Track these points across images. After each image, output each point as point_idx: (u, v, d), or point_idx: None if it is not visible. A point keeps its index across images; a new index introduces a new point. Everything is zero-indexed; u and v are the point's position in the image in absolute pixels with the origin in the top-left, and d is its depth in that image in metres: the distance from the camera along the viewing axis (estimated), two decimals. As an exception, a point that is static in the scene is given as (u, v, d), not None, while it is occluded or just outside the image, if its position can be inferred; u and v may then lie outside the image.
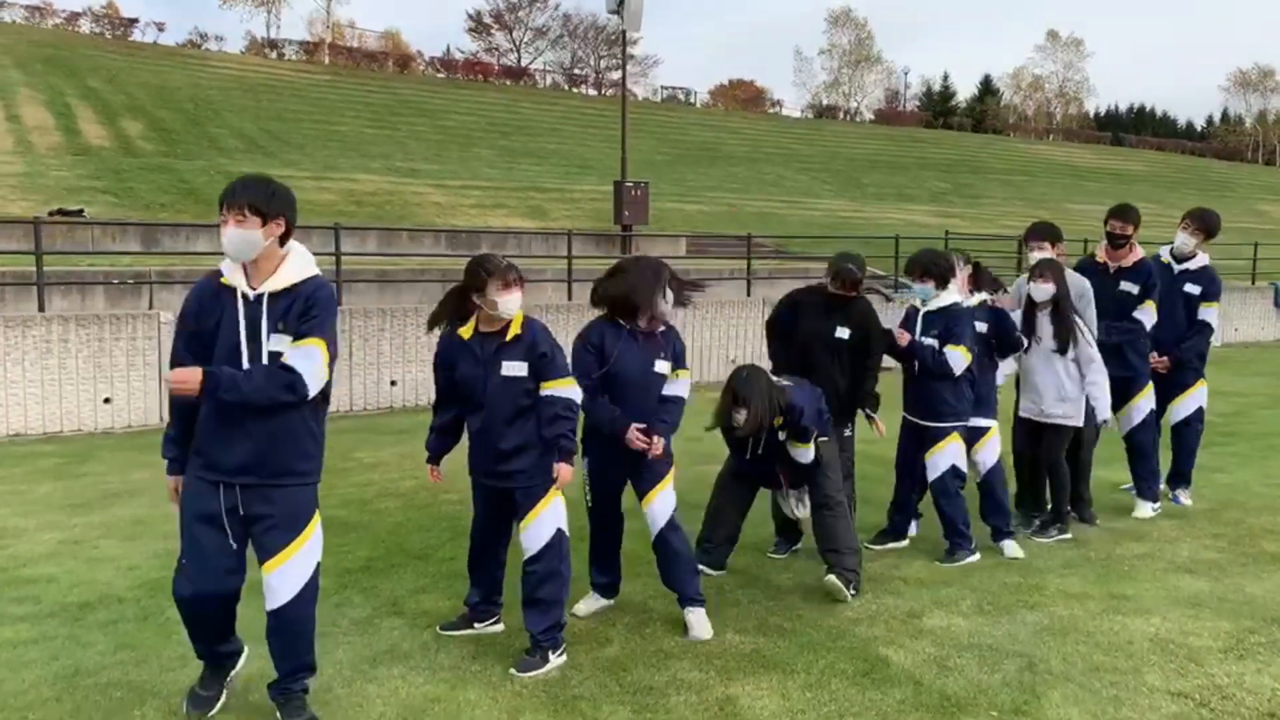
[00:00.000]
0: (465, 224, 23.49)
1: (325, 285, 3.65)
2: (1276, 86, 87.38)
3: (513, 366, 4.32)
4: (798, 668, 4.30)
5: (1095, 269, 6.85)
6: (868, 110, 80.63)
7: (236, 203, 3.50)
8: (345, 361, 11.66)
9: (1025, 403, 6.38)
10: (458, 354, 4.39)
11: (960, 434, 5.87)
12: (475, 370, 4.34)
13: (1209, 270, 7.04)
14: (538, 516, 4.38)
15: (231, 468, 3.55)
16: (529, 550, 4.40)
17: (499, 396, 4.32)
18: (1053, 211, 38.32)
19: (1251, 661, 4.40)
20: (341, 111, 37.38)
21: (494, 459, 4.37)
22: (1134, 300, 6.71)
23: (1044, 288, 6.10)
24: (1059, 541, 6.18)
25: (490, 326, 4.36)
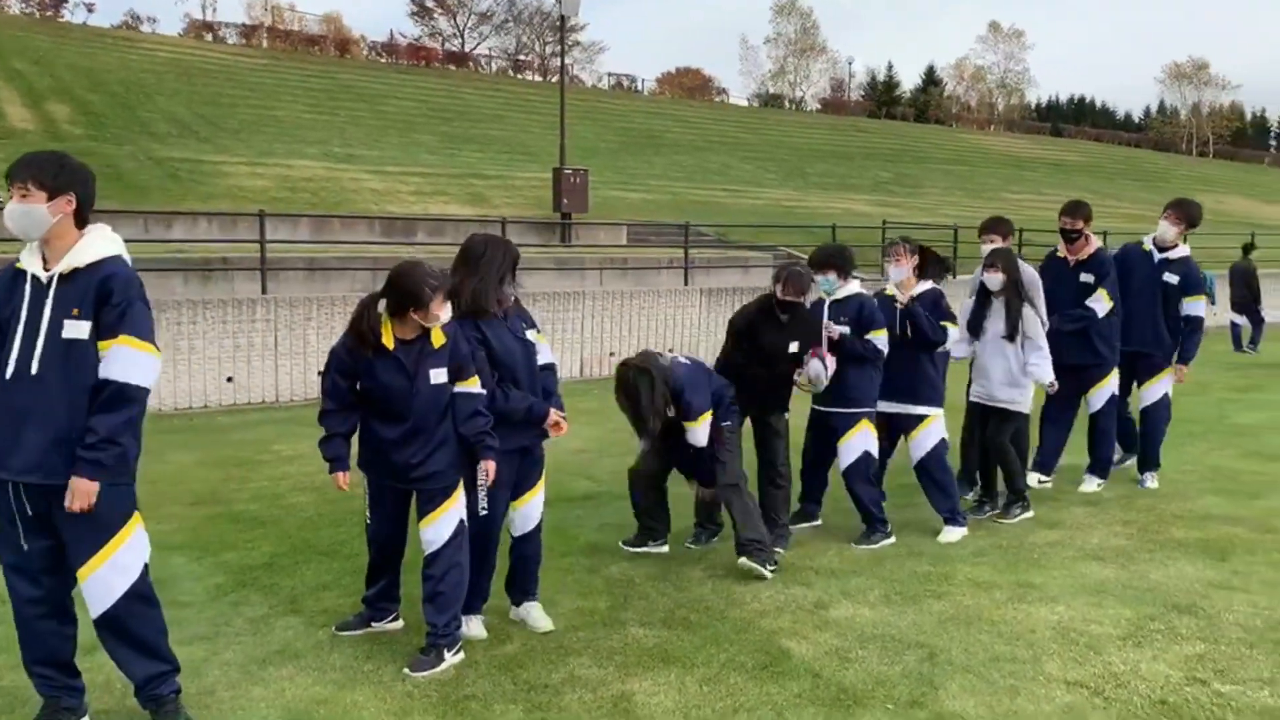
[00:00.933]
0: (403, 211, 23.19)
1: (126, 267, 3.45)
2: (1209, 80, 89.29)
3: (439, 374, 4.21)
4: (698, 662, 4.25)
5: (1056, 263, 7.16)
6: (813, 100, 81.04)
7: (20, 177, 3.34)
8: (270, 352, 11.44)
9: (975, 387, 6.59)
10: (376, 364, 4.17)
11: (870, 420, 5.93)
12: (399, 380, 4.16)
13: (1189, 261, 7.22)
14: (444, 513, 4.29)
15: (20, 468, 3.35)
16: (432, 545, 4.30)
17: (425, 405, 4.20)
18: (992, 200, 38.82)
19: (1149, 648, 4.42)
20: (279, 96, 36.70)
21: (411, 465, 4.24)
22: (1092, 290, 6.95)
23: (995, 277, 6.28)
24: (975, 528, 6.22)
25: (409, 334, 4.20)
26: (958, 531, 6.11)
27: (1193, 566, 5.51)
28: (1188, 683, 4.08)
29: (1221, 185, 56.21)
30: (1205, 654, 4.36)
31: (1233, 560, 5.61)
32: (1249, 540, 5.98)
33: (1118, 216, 35.45)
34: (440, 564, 4.27)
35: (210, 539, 6.03)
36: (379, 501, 4.45)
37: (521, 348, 4.57)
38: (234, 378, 11.22)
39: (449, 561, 4.28)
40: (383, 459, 4.29)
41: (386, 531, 4.50)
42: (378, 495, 4.44)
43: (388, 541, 4.53)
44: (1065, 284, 7.00)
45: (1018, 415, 6.45)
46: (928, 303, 6.05)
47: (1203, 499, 6.96)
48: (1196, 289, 7.19)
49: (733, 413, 5.56)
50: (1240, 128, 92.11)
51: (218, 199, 21.84)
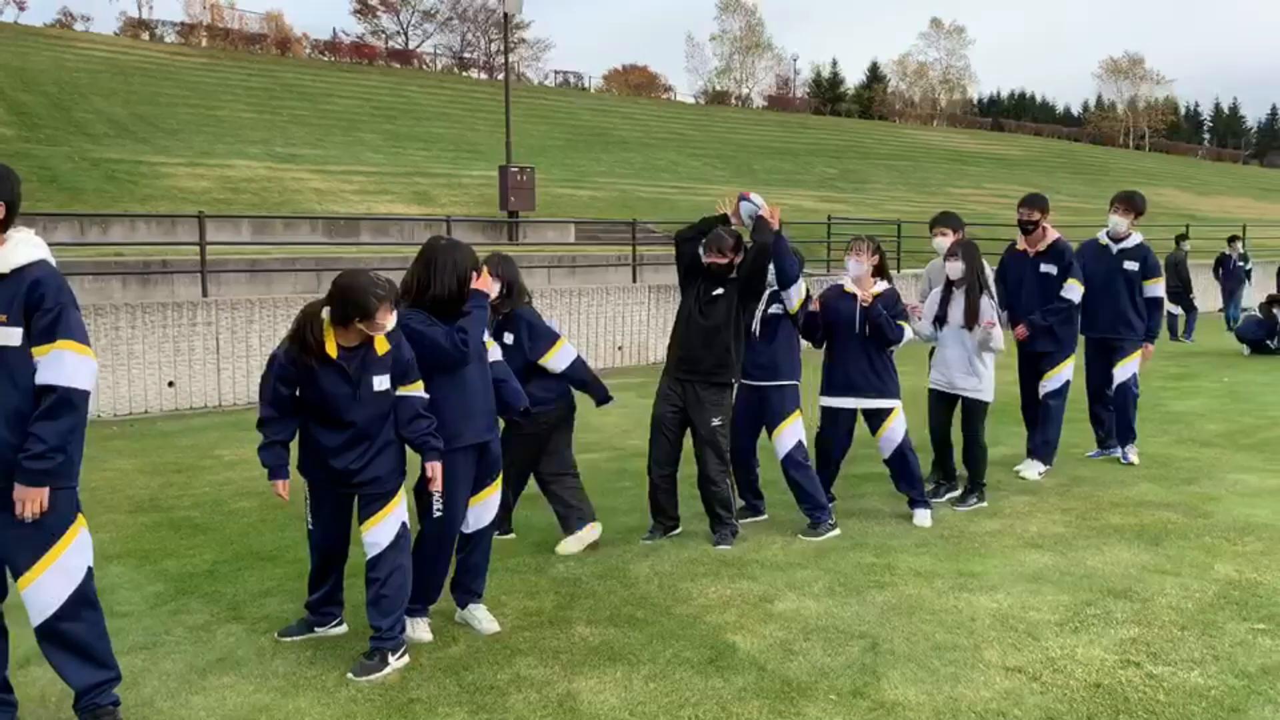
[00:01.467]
0: (347, 211, 22.95)
1: (53, 271, 3.40)
2: (1145, 75, 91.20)
3: (382, 381, 4.18)
4: (644, 658, 4.26)
5: (1016, 256, 7.49)
6: (759, 96, 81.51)
7: None
8: (212, 355, 11.27)
9: (935, 375, 6.75)
10: (319, 373, 4.12)
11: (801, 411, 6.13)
12: (342, 388, 4.13)
13: (1144, 246, 7.68)
14: (386, 517, 4.27)
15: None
16: (375, 549, 4.27)
17: (368, 412, 4.17)
18: (935, 195, 39.31)
19: (1085, 634, 4.52)
20: (219, 95, 36.10)
21: (353, 471, 4.20)
22: (1055, 280, 7.27)
23: (957, 266, 6.49)
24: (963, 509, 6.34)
25: (352, 341, 4.15)
26: (928, 514, 6.30)
27: (1128, 552, 5.64)
28: (1122, 666, 4.18)
29: (1157, 177, 57.45)
30: (1139, 637, 4.46)
31: (1166, 545, 5.75)
32: (1181, 525, 6.13)
33: (1058, 209, 36.01)
34: (383, 567, 4.24)
35: (150, 547, 5.93)
36: (320, 506, 4.41)
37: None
38: (175, 382, 11.04)
39: (392, 564, 4.25)
40: (324, 465, 4.25)
41: (328, 536, 4.47)
42: (319, 500, 4.40)
43: (330, 546, 4.49)
44: (1027, 276, 7.33)
45: (981, 404, 6.63)
46: (887, 302, 6.18)
47: (1138, 485, 7.12)
48: (1155, 272, 7.65)
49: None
50: (1175, 122, 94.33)
51: (157, 200, 21.45)
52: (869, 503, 6.72)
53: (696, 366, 5.76)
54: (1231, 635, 4.47)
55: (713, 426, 5.76)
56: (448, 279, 4.41)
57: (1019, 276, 7.40)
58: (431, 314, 4.41)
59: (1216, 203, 50.40)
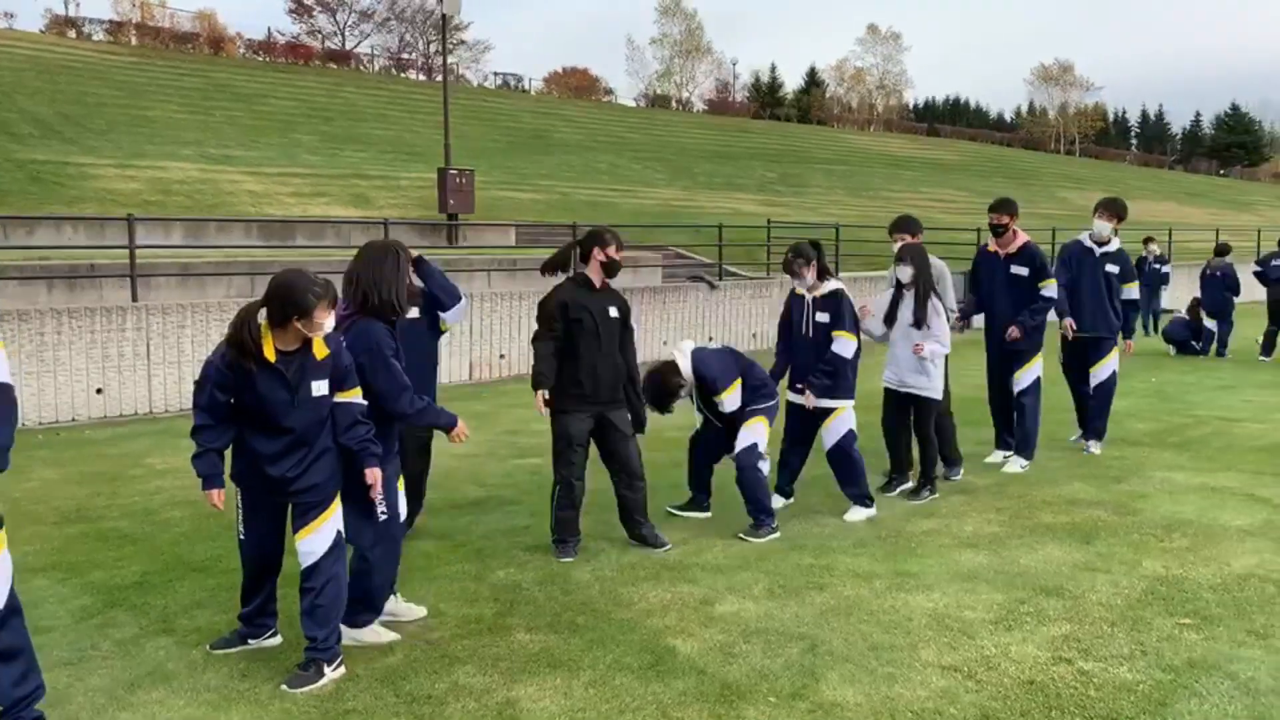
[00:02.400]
0: (282, 214, 22.57)
1: None
2: (1074, 81, 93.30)
3: (321, 386, 4.13)
4: (584, 664, 4.25)
5: (988, 257, 7.88)
6: (699, 100, 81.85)
7: None
8: (142, 361, 11.00)
9: (887, 373, 6.99)
10: (257, 377, 4.04)
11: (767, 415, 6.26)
12: (280, 393, 4.06)
13: (1123, 252, 8.20)
14: (322, 525, 4.21)
15: None
16: (310, 558, 4.22)
17: (306, 417, 4.12)
18: (873, 199, 39.82)
19: (1018, 631, 4.60)
20: (149, 95, 35.29)
21: (289, 479, 4.14)
22: (1025, 280, 7.61)
23: (906, 270, 6.76)
24: (866, 519, 6.40)
25: (291, 345, 4.09)
26: (865, 512, 6.43)
27: (1060, 550, 5.75)
28: (1054, 662, 4.26)
29: (1087, 182, 58.80)
30: (1070, 634, 4.55)
31: (1096, 543, 5.88)
32: (1111, 523, 6.27)
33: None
34: (318, 576, 4.18)
35: (77, 558, 5.76)
36: (253, 515, 4.33)
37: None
38: (103, 389, 10.76)
39: (327, 574, 4.19)
40: (260, 472, 4.17)
41: (262, 546, 4.39)
42: (252, 508, 4.32)
43: (262, 556, 4.41)
44: (998, 276, 7.73)
45: (932, 402, 6.86)
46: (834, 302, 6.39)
47: (1070, 484, 7.27)
48: (1132, 277, 8.21)
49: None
50: (1103, 127, 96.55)
51: (85, 203, 20.90)
52: (810, 504, 6.77)
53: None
54: (1159, 630, 4.58)
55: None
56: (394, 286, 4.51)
57: (991, 277, 7.79)
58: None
59: (1143, 207, 51.70)
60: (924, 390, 6.84)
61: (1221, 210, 55.32)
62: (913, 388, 6.85)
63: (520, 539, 6.04)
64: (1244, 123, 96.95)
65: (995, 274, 7.75)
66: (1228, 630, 4.58)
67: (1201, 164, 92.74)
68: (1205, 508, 6.60)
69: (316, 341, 4.09)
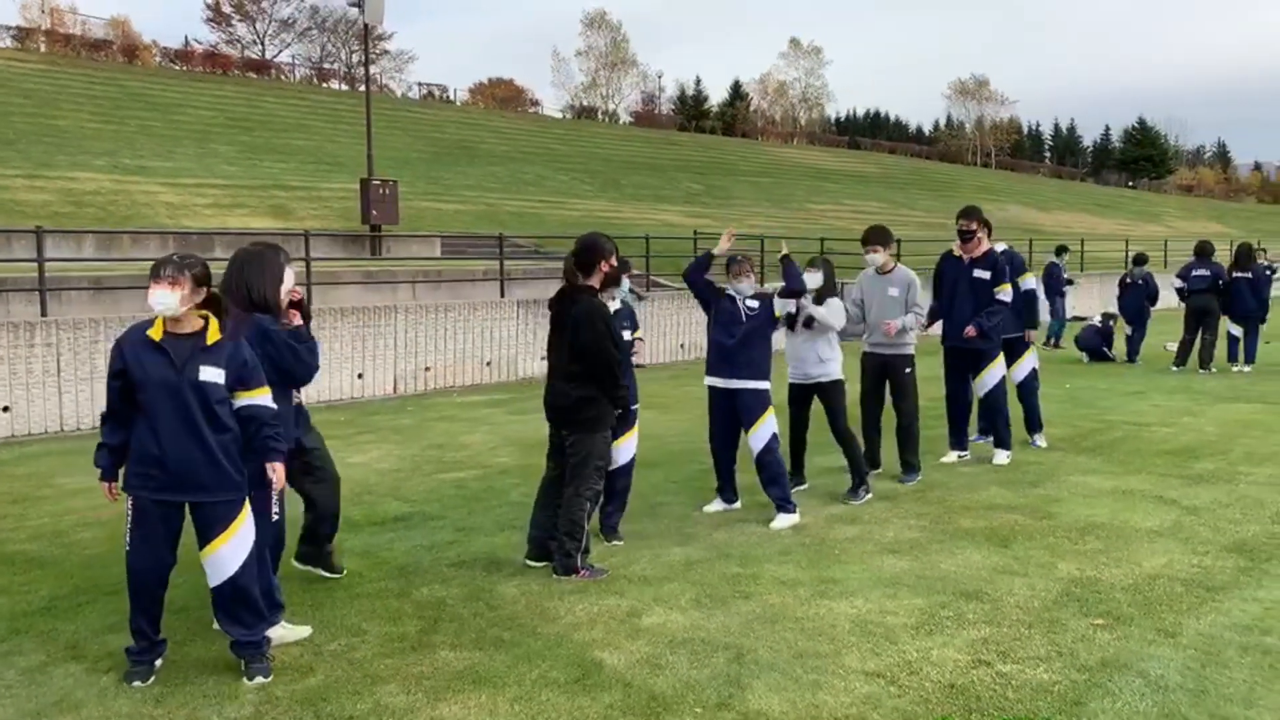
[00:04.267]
0: (200, 225, 22.07)
1: None
2: (990, 95, 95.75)
3: (211, 372, 4.11)
4: (510, 681, 4.20)
5: (953, 261, 8.25)
6: (625, 112, 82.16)
7: None
8: (52, 378, 10.64)
9: (792, 370, 7.30)
10: (144, 357, 4.08)
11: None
12: (167, 374, 4.05)
13: (992, 252, 8.23)
14: (230, 537, 4.18)
15: None
16: (222, 575, 4.18)
17: (191, 403, 4.06)
18: (797, 210, 40.35)
19: (939, 635, 4.68)
20: (59, 104, 34.25)
21: (179, 473, 4.08)
22: (987, 285, 8.02)
23: (814, 276, 7.00)
24: (786, 528, 6.46)
25: (181, 329, 4.11)
26: (790, 519, 6.52)
27: (979, 554, 5.87)
28: (974, 665, 4.34)
29: (1004, 194, 60.34)
30: (989, 637, 4.64)
31: (1014, 546, 6.01)
32: (1028, 527, 6.42)
33: (911, 225, 37.48)
34: (234, 590, 4.24)
35: (-21, 585, 5.54)
36: (142, 521, 4.19)
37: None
38: (10, 407, 10.39)
39: (246, 586, 4.26)
40: (154, 467, 4.09)
41: (151, 556, 4.23)
42: (142, 514, 4.19)
43: (150, 567, 4.24)
44: (962, 279, 8.12)
45: (838, 383, 7.16)
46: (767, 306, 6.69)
47: (988, 489, 7.43)
48: (1003, 279, 8.13)
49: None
50: (1019, 140, 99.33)
51: (-11, 214, 20.20)
52: (735, 513, 6.81)
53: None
54: (1074, 631, 4.70)
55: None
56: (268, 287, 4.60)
57: (954, 280, 8.17)
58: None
59: (1057, 218, 53.24)
60: (830, 375, 7.14)
61: (1131, 221, 57.23)
62: (820, 376, 7.14)
63: (444, 555, 5.98)
64: (1151, 137, 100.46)
65: (959, 278, 8.13)
66: (1139, 629, 4.71)
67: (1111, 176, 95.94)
68: (1117, 510, 6.80)
69: (212, 326, 4.15)
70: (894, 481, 7.65)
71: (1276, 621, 4.79)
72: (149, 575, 4.25)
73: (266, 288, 4.61)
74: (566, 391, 5.56)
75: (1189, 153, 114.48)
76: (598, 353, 5.48)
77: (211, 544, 4.20)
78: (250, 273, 4.62)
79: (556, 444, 5.74)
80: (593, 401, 5.54)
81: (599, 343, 5.48)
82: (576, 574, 5.48)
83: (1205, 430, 9.74)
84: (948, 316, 8.30)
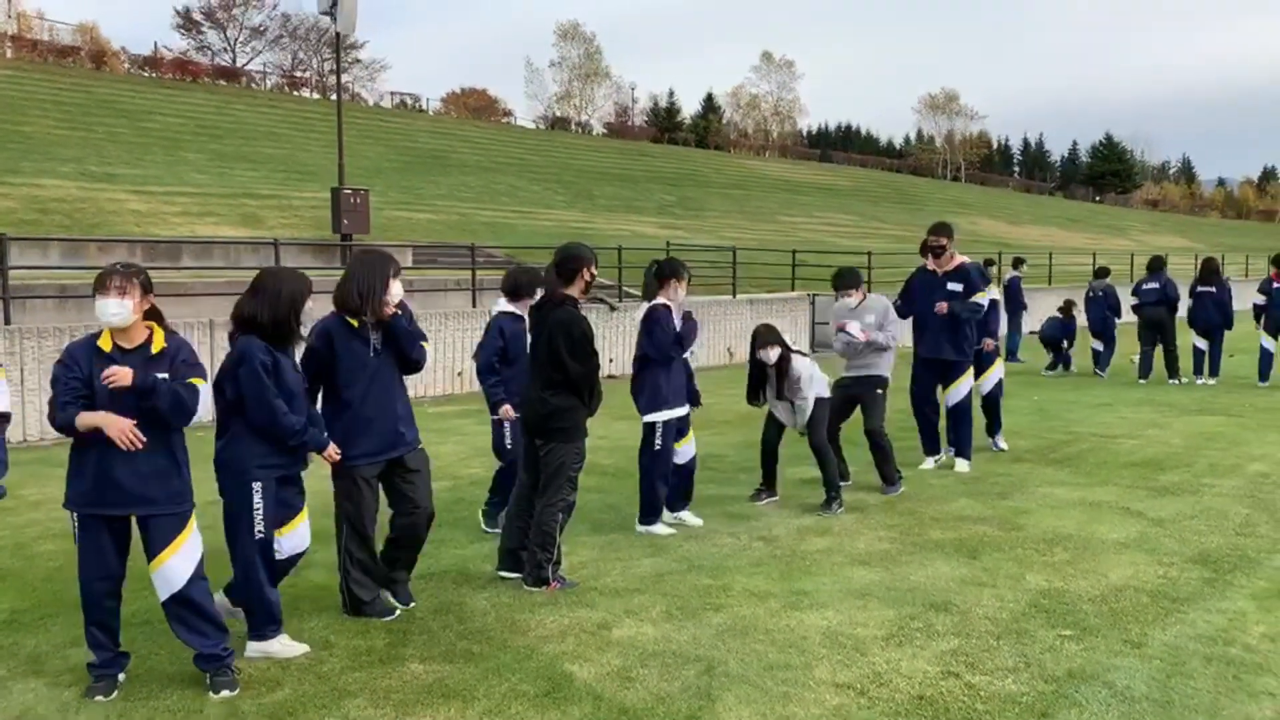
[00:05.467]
0: (169, 233, 21.86)
1: None
2: (960, 110, 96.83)
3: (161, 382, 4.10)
4: (479, 694, 4.18)
5: (926, 275, 8.56)
6: (598, 123, 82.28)
7: None
8: (17, 389, 10.49)
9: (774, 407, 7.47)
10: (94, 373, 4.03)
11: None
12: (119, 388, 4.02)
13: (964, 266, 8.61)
14: (179, 549, 4.18)
15: None
16: (172, 587, 4.18)
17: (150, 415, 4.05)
18: (769, 223, 40.54)
19: (909, 647, 4.69)
20: (25, 110, 33.84)
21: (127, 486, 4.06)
22: (960, 296, 8.34)
23: (770, 353, 7.20)
24: (752, 539, 6.46)
25: (129, 341, 4.10)
26: (659, 527, 6.69)
27: (948, 565, 5.90)
28: (943, 677, 4.36)
29: (974, 208, 60.95)
30: (958, 649, 4.66)
31: (982, 558, 6.05)
32: (997, 538, 6.46)
33: (882, 237, 37.79)
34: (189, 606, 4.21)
35: (-62, 598, 5.44)
36: (91, 535, 4.15)
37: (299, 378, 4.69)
38: (-28, 417, 10.22)
39: (200, 604, 4.23)
40: (104, 479, 4.04)
41: (101, 569, 4.18)
42: (89, 530, 4.15)
43: (101, 581, 4.20)
44: (936, 292, 8.39)
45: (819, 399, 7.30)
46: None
47: (957, 500, 7.48)
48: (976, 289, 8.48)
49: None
50: (988, 155, 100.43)
51: (-47, 221, 19.90)
52: (706, 524, 6.82)
53: None
54: (1041, 642, 4.73)
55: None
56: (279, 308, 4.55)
57: (928, 294, 8.41)
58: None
59: (1025, 231, 53.82)
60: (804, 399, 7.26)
61: (1098, 235, 57.94)
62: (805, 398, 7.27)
63: (415, 567, 5.92)
64: (1117, 152, 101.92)
65: (933, 291, 8.37)
66: (1105, 640, 4.75)
67: (1079, 190, 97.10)
68: (1084, 521, 6.86)
69: (157, 335, 4.15)
70: (865, 493, 7.68)
71: (1240, 632, 4.85)
72: (97, 587, 4.20)
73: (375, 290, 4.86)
74: (544, 400, 5.54)
75: (1155, 168, 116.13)
76: (576, 361, 5.47)
77: (159, 557, 4.17)
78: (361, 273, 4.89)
79: (532, 454, 5.72)
80: (570, 411, 5.52)
81: (577, 351, 5.48)
82: (548, 585, 5.46)
83: (1171, 442, 9.86)
84: (921, 329, 8.48)
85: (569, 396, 5.52)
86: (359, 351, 4.94)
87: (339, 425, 4.90)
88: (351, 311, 4.94)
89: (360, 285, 4.92)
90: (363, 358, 4.95)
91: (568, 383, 5.51)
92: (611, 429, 9.79)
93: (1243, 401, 12.61)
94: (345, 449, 4.86)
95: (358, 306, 4.91)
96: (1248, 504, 7.36)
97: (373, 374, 4.96)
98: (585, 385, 5.53)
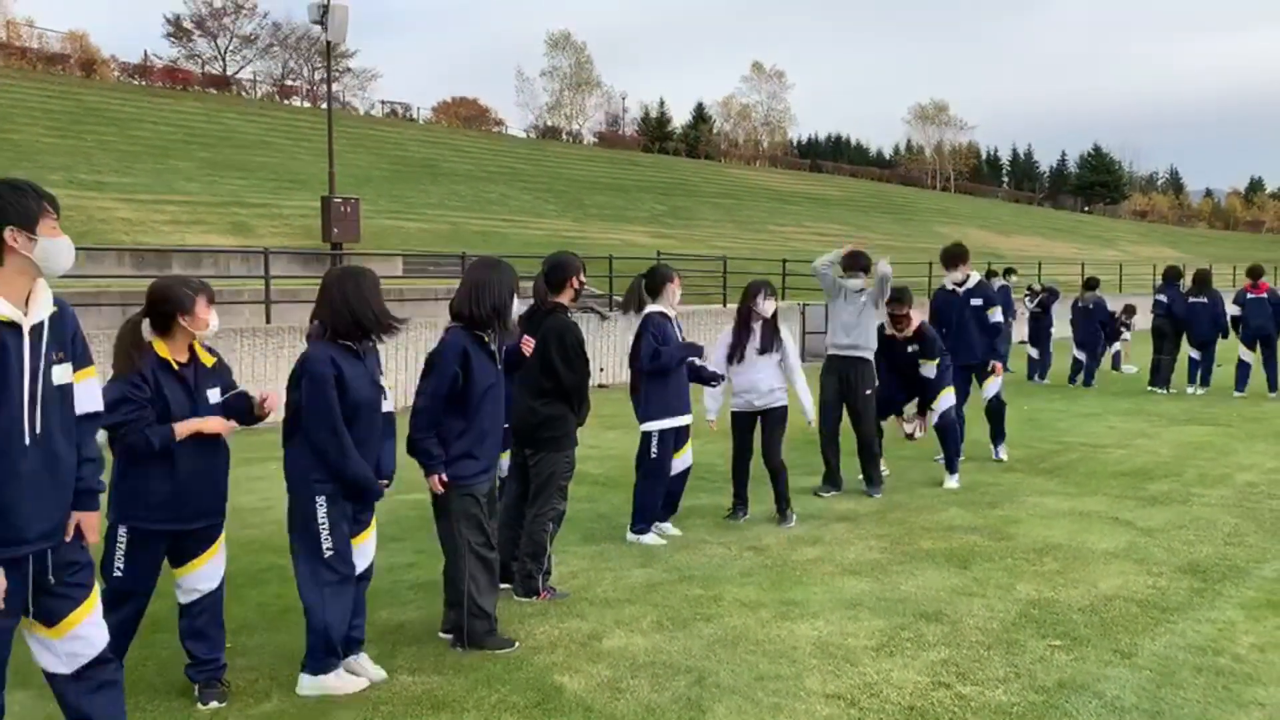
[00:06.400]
0: (158, 242, 21.81)
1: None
2: (949, 120, 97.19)
3: (215, 394, 4.16)
4: (468, 705, 4.16)
5: (946, 293, 9.23)
6: (589, 133, 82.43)
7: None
8: (1, 396, 10.43)
9: (737, 400, 7.25)
10: (164, 385, 3.98)
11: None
12: (185, 401, 4.03)
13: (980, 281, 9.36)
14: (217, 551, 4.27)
15: None
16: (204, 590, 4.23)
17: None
18: (759, 232, 40.62)
19: (899, 657, 4.69)
20: (14, 118, 33.76)
21: (206, 499, 4.12)
22: (983, 309, 9.01)
23: (768, 304, 7.18)
24: (743, 548, 6.45)
25: (181, 356, 4.09)
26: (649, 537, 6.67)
27: (938, 575, 5.90)
28: (934, 687, 4.35)
29: (962, 218, 61.19)
30: (949, 659, 4.66)
31: (973, 568, 6.05)
32: (987, 548, 6.47)
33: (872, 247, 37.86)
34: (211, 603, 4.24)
35: (-77, 609, 5.39)
36: (144, 550, 4.10)
37: (374, 392, 4.43)
38: (-42, 426, 10.16)
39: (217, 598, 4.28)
40: (174, 497, 4.01)
41: (146, 582, 4.18)
42: (151, 546, 4.11)
43: (144, 593, 4.20)
44: (957, 309, 9.07)
45: (782, 410, 7.18)
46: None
47: (947, 510, 7.49)
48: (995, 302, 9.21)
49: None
50: (977, 165, 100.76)
51: (-60, 229, 19.81)
52: (697, 534, 6.81)
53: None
54: (1032, 652, 4.73)
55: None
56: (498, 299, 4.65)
57: (958, 312, 9.05)
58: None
59: (1014, 241, 54.04)
60: (777, 402, 7.14)
61: (1087, 245, 58.19)
62: (775, 402, 7.12)
63: (404, 578, 5.91)
64: (1106, 162, 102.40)
65: (954, 307, 9.08)
66: (1095, 650, 4.75)
67: (1067, 201, 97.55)
68: (1074, 531, 6.87)
69: (201, 351, 4.16)
70: (856, 503, 7.69)
71: (1229, 642, 4.86)
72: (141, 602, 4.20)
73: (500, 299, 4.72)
74: (534, 409, 5.53)
75: (1143, 179, 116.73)
76: (569, 368, 5.47)
77: (198, 559, 4.19)
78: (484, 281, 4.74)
79: (521, 464, 5.71)
80: (560, 420, 5.52)
81: (570, 357, 5.48)
82: (538, 595, 5.44)
83: (1160, 452, 9.89)
84: (956, 341, 8.96)
85: (559, 405, 5.51)
86: (488, 368, 4.71)
87: (462, 443, 4.67)
88: (481, 325, 4.71)
89: (496, 299, 4.69)
90: (491, 374, 4.73)
91: (558, 391, 5.50)
92: (602, 438, 9.78)
93: (1231, 411, 12.67)
94: (465, 468, 4.65)
95: (488, 320, 4.70)
96: (1236, 514, 7.38)
97: (497, 391, 4.76)
98: (576, 393, 5.52)
